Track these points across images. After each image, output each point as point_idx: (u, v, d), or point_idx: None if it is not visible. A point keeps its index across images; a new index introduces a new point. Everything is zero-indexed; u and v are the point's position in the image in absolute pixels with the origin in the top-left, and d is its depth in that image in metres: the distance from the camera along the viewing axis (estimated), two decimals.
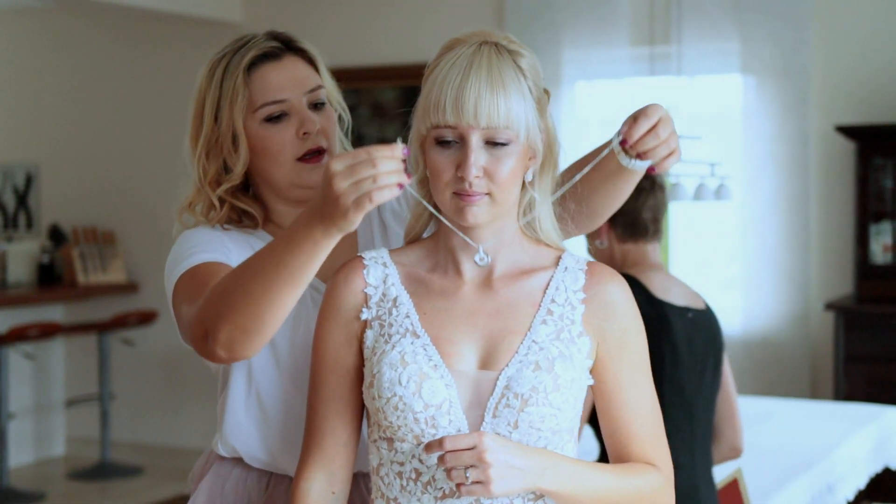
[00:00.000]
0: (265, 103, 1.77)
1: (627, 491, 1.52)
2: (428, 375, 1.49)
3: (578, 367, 1.52)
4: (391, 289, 1.57)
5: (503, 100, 1.46)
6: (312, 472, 1.59)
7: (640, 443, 1.56)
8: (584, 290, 1.56)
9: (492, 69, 1.46)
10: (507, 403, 1.49)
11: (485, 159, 1.48)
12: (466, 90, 1.45)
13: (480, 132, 1.47)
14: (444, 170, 1.49)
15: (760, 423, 3.72)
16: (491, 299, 1.56)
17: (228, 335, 1.52)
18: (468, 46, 1.49)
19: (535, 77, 1.52)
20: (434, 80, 1.49)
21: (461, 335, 1.54)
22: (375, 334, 1.56)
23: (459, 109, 1.45)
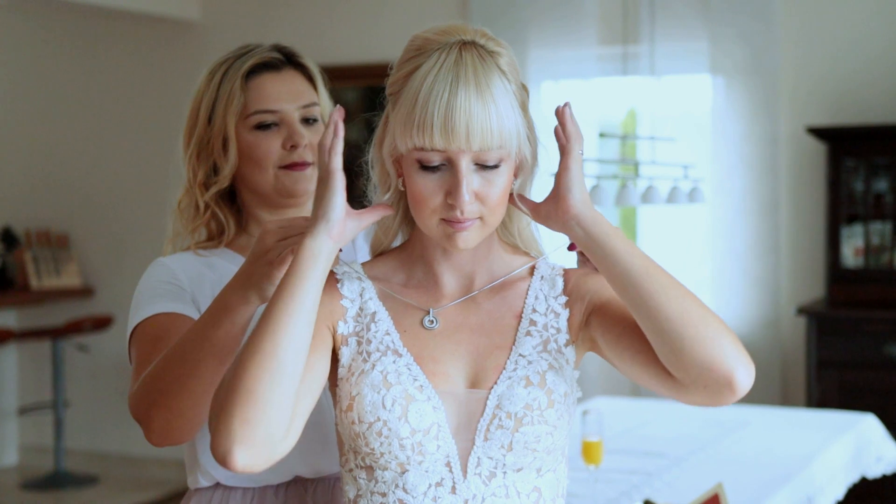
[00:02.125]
0: (258, 111, 1.80)
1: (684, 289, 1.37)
2: (414, 397, 1.40)
3: (569, 380, 1.45)
4: (369, 303, 1.48)
5: (496, 117, 1.34)
6: None
7: None
8: (565, 292, 1.49)
9: (480, 81, 1.34)
10: (499, 424, 1.40)
11: (476, 182, 1.38)
12: (456, 110, 1.32)
13: (471, 154, 1.36)
14: (431, 196, 1.38)
15: (736, 431, 3.69)
16: (473, 314, 1.48)
17: (164, 423, 1.57)
18: (446, 51, 1.36)
19: (516, 75, 1.41)
20: (414, 93, 1.35)
21: (445, 353, 1.45)
22: (352, 352, 1.45)
23: (449, 132, 1.33)
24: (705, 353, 1.31)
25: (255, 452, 1.30)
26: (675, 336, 1.32)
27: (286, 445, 1.34)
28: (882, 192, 4.84)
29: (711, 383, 1.31)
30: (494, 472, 1.41)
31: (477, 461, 1.41)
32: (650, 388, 1.40)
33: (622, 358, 1.42)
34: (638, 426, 3.76)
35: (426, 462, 1.40)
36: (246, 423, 1.29)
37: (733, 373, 1.31)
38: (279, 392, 1.30)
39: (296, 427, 1.35)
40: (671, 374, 1.35)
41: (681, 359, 1.32)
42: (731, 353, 1.31)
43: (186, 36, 6.18)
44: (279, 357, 1.31)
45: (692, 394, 1.34)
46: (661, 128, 5.07)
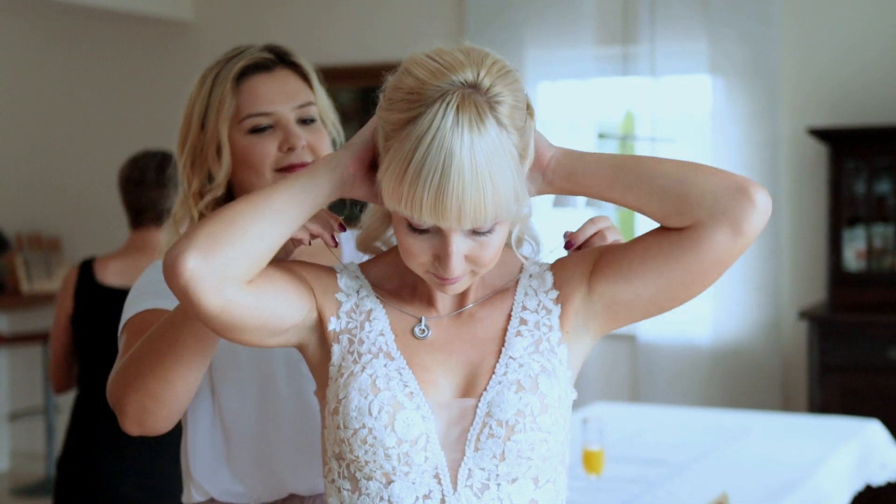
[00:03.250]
0: (251, 114, 1.74)
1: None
2: (402, 405, 1.34)
3: (563, 382, 1.38)
4: (365, 301, 1.43)
5: (491, 196, 1.26)
6: None
7: None
8: (556, 286, 1.43)
9: (476, 156, 1.25)
10: (490, 433, 1.34)
11: (467, 247, 1.32)
12: (448, 195, 1.24)
13: (463, 229, 1.31)
14: (419, 254, 1.33)
15: (738, 439, 3.64)
16: (467, 325, 1.42)
17: (138, 405, 1.52)
18: (443, 109, 1.25)
19: (517, 118, 1.31)
20: (405, 160, 1.25)
21: (436, 363, 1.39)
22: (343, 350, 1.40)
23: (439, 214, 1.26)
24: (711, 179, 1.32)
25: (208, 268, 1.28)
26: (677, 182, 1.32)
27: (241, 299, 1.32)
28: (884, 194, 4.80)
29: (729, 203, 1.30)
30: (487, 483, 1.35)
31: (468, 473, 1.35)
32: (675, 284, 1.35)
33: (635, 274, 1.37)
34: (638, 433, 3.71)
35: (413, 473, 1.34)
36: (212, 237, 1.29)
37: (745, 181, 1.31)
38: (254, 233, 1.31)
39: (259, 296, 1.33)
40: (687, 234, 1.32)
41: (690, 197, 1.31)
42: (733, 173, 1.33)
43: (179, 37, 6.14)
44: (261, 216, 1.32)
45: (716, 230, 1.31)
46: (661, 129, 5.03)
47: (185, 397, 1.53)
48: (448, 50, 1.31)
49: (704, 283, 1.37)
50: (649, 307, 1.40)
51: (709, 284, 1.38)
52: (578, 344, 1.43)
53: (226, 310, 1.31)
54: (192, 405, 1.75)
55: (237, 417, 1.73)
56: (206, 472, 1.74)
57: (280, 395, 1.71)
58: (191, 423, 1.76)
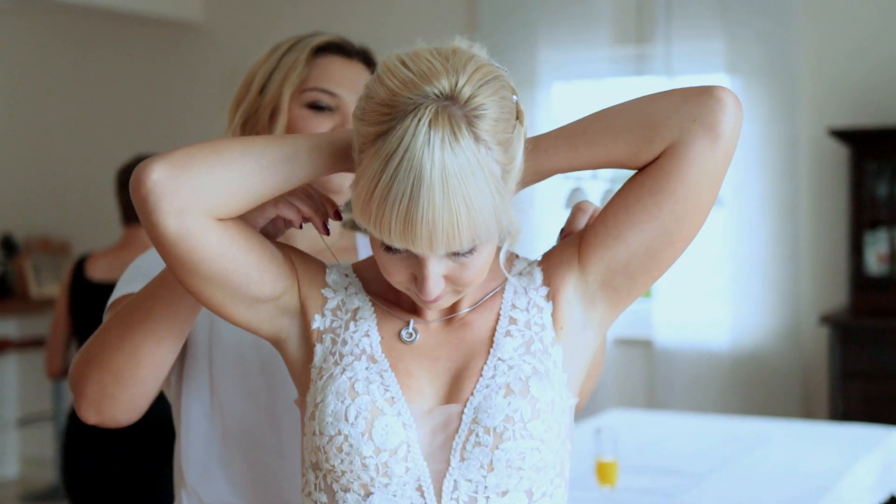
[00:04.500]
0: (317, 87, 1.67)
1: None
2: (382, 411, 1.25)
3: (557, 385, 1.29)
4: (353, 299, 1.35)
5: (465, 220, 1.16)
6: None
7: None
8: (546, 282, 1.34)
9: (447, 178, 1.15)
10: (476, 441, 1.25)
11: (446, 269, 1.23)
12: (417, 221, 1.15)
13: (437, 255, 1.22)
14: (396, 273, 1.25)
15: (757, 447, 3.56)
16: (455, 330, 1.34)
17: (98, 386, 1.42)
18: (415, 124, 1.15)
19: (501, 130, 1.21)
20: (373, 179, 1.17)
21: (421, 369, 1.31)
22: (325, 351, 1.32)
23: (409, 240, 1.17)
24: (669, 96, 1.26)
25: (175, 184, 1.22)
26: (636, 112, 1.26)
27: (211, 229, 1.25)
28: None
29: (695, 108, 1.24)
30: (475, 496, 1.26)
31: (453, 484, 1.26)
32: (668, 221, 1.27)
33: (623, 226, 1.29)
34: (654, 441, 3.63)
35: (393, 485, 1.25)
36: (189, 157, 1.23)
37: (705, 86, 1.25)
38: (237, 166, 1.25)
39: (231, 233, 1.26)
40: (663, 159, 1.26)
41: (654, 119, 1.25)
42: (691, 87, 1.27)
43: (188, 38, 6.13)
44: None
45: (691, 142, 1.24)
46: None
47: (151, 383, 1.43)
48: (426, 54, 1.21)
49: (698, 210, 1.28)
50: (648, 263, 1.30)
51: (703, 212, 1.29)
52: (580, 341, 1.34)
53: (183, 237, 1.23)
54: (187, 407, 1.66)
55: (238, 420, 1.65)
56: (199, 475, 1.65)
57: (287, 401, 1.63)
58: (184, 424, 1.67)
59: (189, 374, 1.64)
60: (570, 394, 1.32)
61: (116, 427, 1.47)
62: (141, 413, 1.47)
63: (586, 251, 1.31)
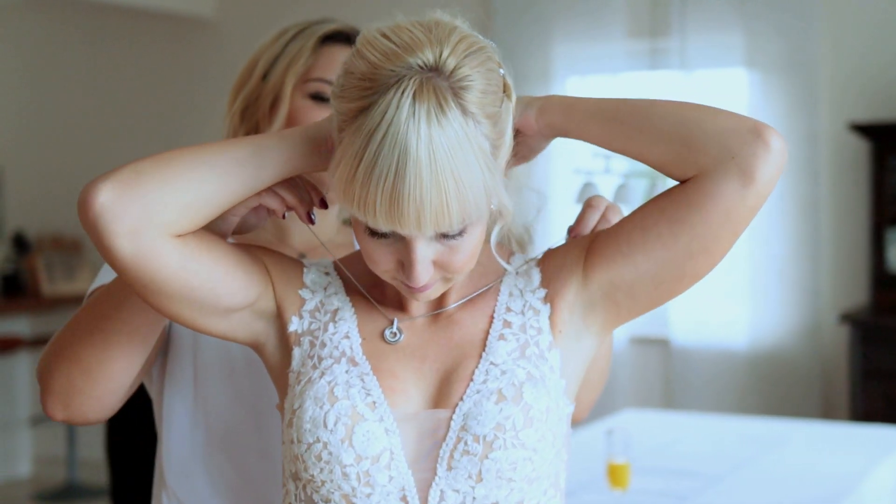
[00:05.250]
0: (321, 78, 1.62)
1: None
2: (363, 416, 1.19)
3: (553, 392, 1.22)
4: (332, 299, 1.28)
5: (455, 197, 1.10)
6: None
7: None
8: (544, 283, 1.27)
9: (435, 153, 1.08)
10: (465, 449, 1.18)
11: (435, 252, 1.16)
12: (404, 199, 1.08)
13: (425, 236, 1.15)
14: (381, 261, 1.18)
15: (775, 448, 3.50)
16: (444, 328, 1.27)
17: (65, 380, 1.33)
18: (399, 96, 1.08)
19: (489, 103, 1.15)
20: (355, 156, 1.10)
21: (406, 370, 1.24)
22: (303, 354, 1.26)
23: (396, 220, 1.10)
24: (717, 119, 1.18)
25: (123, 205, 1.15)
26: (680, 124, 1.18)
27: (169, 249, 1.17)
28: None
29: (739, 145, 1.16)
30: None
31: (440, 495, 1.19)
32: (681, 254, 1.20)
33: (635, 247, 1.21)
34: (670, 442, 3.57)
35: (376, 495, 1.19)
36: (137, 173, 1.17)
37: (756, 124, 1.16)
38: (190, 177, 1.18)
39: (190, 254, 1.19)
40: (690, 187, 1.18)
41: (695, 140, 1.17)
42: (744, 115, 1.18)
43: (200, 34, 6.12)
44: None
45: (722, 179, 1.16)
46: None
47: (122, 379, 1.35)
48: (407, 25, 1.17)
49: (714, 252, 1.20)
50: (653, 291, 1.23)
51: (719, 254, 1.21)
52: (577, 347, 1.27)
53: (140, 259, 1.15)
54: (169, 405, 1.60)
55: (222, 421, 1.58)
56: (180, 477, 1.59)
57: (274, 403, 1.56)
58: (166, 422, 1.60)
59: (172, 372, 1.58)
60: (567, 401, 1.25)
61: (85, 424, 1.39)
62: (112, 411, 1.39)
63: (592, 261, 1.24)
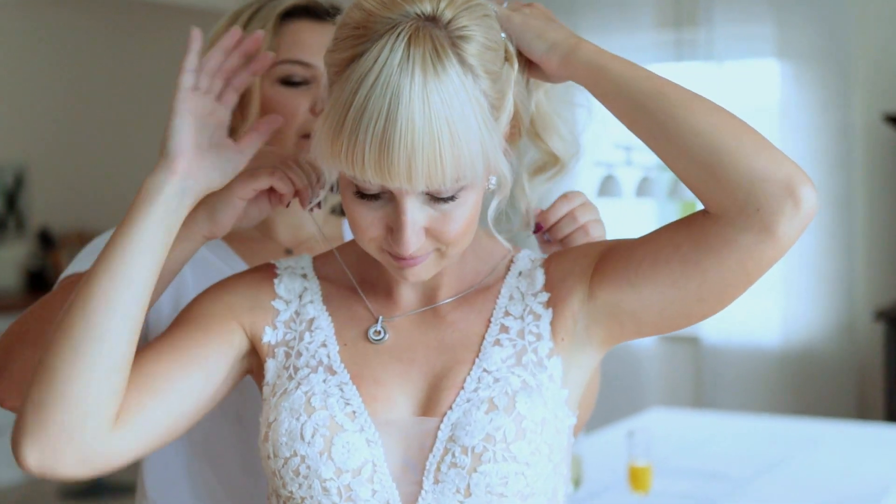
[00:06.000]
0: (289, 60, 1.49)
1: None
2: (342, 427, 1.12)
3: (551, 402, 1.14)
4: (308, 307, 1.21)
5: (449, 149, 1.03)
6: None
7: None
8: (547, 287, 1.19)
9: (430, 99, 1.02)
10: (452, 462, 1.11)
11: (426, 217, 1.09)
12: (394, 146, 1.02)
13: (418, 192, 1.07)
14: (369, 227, 1.10)
15: (806, 450, 3.41)
16: (433, 328, 1.19)
17: (26, 365, 1.21)
18: (392, 41, 1.03)
19: (490, 59, 1.09)
20: (344, 104, 1.04)
21: (392, 375, 1.17)
22: (278, 366, 1.19)
23: (385, 170, 1.03)
24: (753, 159, 1.06)
25: (51, 447, 1.08)
26: (711, 150, 1.07)
27: (117, 447, 1.11)
28: None
29: (766, 199, 1.05)
30: None
31: None
32: (690, 296, 1.11)
33: (644, 278, 1.12)
34: (698, 443, 3.49)
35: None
36: (37, 408, 1.08)
37: (793, 177, 1.05)
38: (81, 367, 1.08)
39: (139, 425, 1.12)
40: (708, 228, 1.09)
41: (722, 176, 1.06)
42: (784, 159, 1.07)
43: None
44: (87, 321, 1.09)
45: (742, 228, 1.06)
46: None
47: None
48: None
49: (723, 298, 1.12)
50: (658, 322, 1.15)
51: (727, 300, 1.12)
52: (580, 356, 1.18)
53: (107, 462, 1.11)
54: None
55: (205, 430, 1.49)
56: (162, 487, 1.51)
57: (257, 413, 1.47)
58: None
59: None
60: (568, 412, 1.17)
61: None
62: None
63: (600, 280, 1.16)
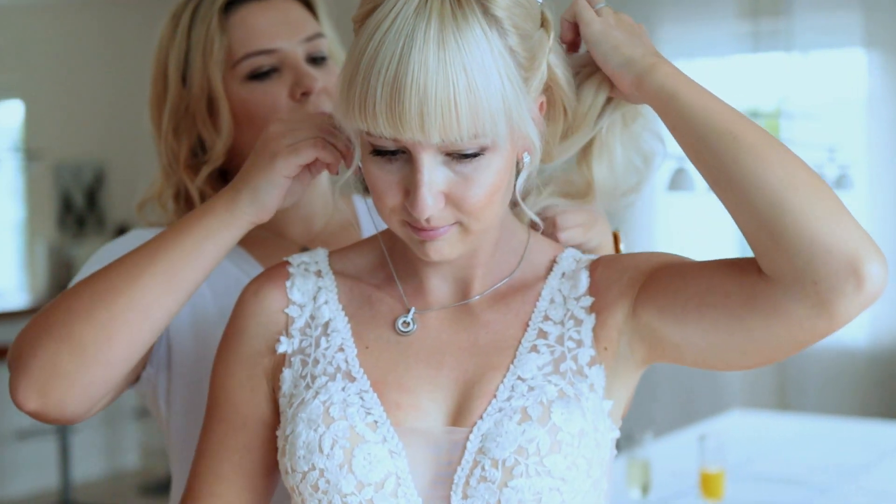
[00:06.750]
0: (249, 53, 1.39)
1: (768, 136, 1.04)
2: (363, 438, 1.05)
3: (591, 413, 1.06)
4: (323, 309, 1.14)
5: (465, 97, 0.96)
6: None
7: None
8: (592, 291, 1.10)
9: (446, 43, 0.95)
10: (482, 476, 1.03)
11: (446, 180, 1.01)
12: (405, 89, 0.95)
13: (434, 146, 0.99)
14: (387, 191, 1.03)
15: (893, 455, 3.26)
16: (466, 329, 1.11)
17: (48, 361, 1.13)
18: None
19: (520, 16, 1.02)
20: (359, 52, 0.99)
21: (419, 380, 1.09)
22: (295, 375, 1.12)
23: (398, 120, 0.96)
24: (819, 225, 0.96)
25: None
26: (775, 207, 0.98)
27: None
28: None
29: (826, 273, 0.96)
30: None
31: None
32: (732, 348, 1.03)
33: (689, 318, 1.04)
34: (779, 447, 3.37)
35: None
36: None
37: (860, 252, 0.96)
38: None
39: None
40: (760, 289, 0.99)
41: (782, 237, 0.97)
42: (854, 229, 0.97)
43: None
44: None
45: (796, 300, 0.97)
46: (808, 111, 4.70)
47: (116, 371, 1.15)
48: None
49: (767, 358, 1.03)
50: (698, 360, 1.07)
51: (772, 360, 1.04)
52: (623, 367, 1.10)
53: None
54: (177, 431, 1.40)
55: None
56: None
57: None
58: (174, 453, 1.42)
59: (175, 399, 1.40)
60: (611, 424, 1.09)
61: (58, 421, 1.16)
62: (94, 408, 1.20)
63: (644, 301, 1.07)
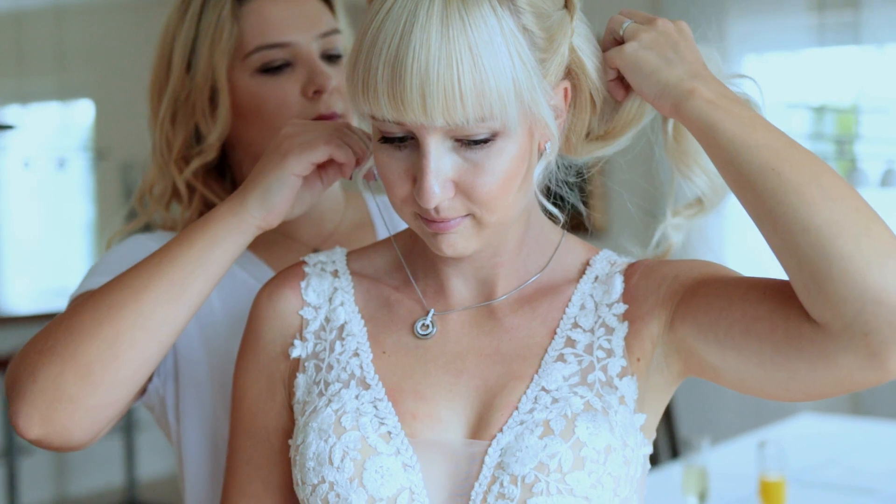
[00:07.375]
0: (262, 46, 1.33)
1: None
2: (375, 450, 0.99)
3: (619, 428, 0.99)
4: (339, 311, 1.08)
5: (469, 78, 0.90)
6: None
7: None
8: (626, 298, 1.03)
9: (450, 23, 0.90)
10: (500, 492, 0.97)
11: (454, 167, 0.94)
12: (406, 68, 0.90)
13: (440, 130, 0.93)
14: (396, 180, 0.97)
15: None
16: (489, 334, 1.04)
17: (52, 384, 1.06)
18: None
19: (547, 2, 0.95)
20: (363, 33, 0.94)
21: (438, 388, 1.02)
22: (309, 381, 1.06)
23: (399, 101, 0.91)
24: (870, 271, 0.87)
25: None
26: (820, 252, 0.88)
27: None
28: None
29: (878, 324, 0.87)
30: None
31: None
32: (775, 382, 0.95)
33: (732, 344, 0.95)
34: (848, 453, 3.22)
35: None
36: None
37: None
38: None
39: None
40: (808, 333, 0.91)
41: (828, 285, 0.88)
42: None
43: None
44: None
45: (845, 350, 0.89)
46: (888, 108, 4.55)
47: (123, 391, 1.09)
48: None
49: (810, 397, 0.95)
50: (736, 385, 0.99)
51: (815, 399, 0.95)
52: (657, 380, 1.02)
53: None
54: (187, 441, 1.35)
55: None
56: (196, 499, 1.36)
57: None
58: (185, 461, 1.36)
59: (185, 410, 1.34)
60: (643, 440, 1.01)
61: (61, 449, 1.09)
62: (100, 433, 1.13)
63: (684, 316, 0.99)
